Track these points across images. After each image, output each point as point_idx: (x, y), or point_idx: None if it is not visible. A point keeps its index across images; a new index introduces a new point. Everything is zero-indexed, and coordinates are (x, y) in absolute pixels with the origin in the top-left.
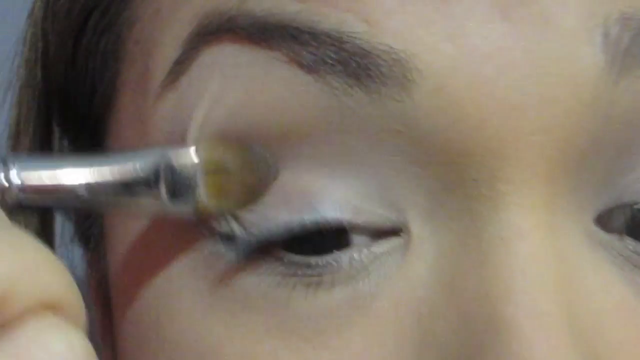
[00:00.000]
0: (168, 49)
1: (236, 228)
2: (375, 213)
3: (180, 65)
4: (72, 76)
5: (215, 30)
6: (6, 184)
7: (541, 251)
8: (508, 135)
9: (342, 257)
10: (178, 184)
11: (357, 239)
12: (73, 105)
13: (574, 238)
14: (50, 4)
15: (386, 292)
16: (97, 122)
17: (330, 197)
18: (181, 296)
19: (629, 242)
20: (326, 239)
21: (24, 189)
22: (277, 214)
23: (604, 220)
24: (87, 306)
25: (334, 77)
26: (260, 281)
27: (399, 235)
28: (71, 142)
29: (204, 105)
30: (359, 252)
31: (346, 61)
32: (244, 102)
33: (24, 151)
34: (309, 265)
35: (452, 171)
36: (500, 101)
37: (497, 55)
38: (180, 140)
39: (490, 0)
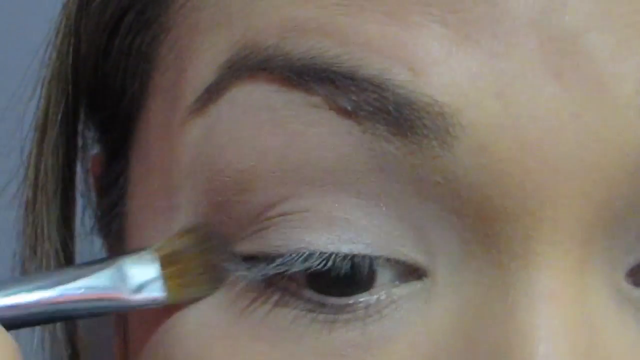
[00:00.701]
0: (202, 69)
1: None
2: (404, 253)
3: (211, 93)
4: (103, 73)
5: (250, 67)
6: None
7: (568, 315)
8: (547, 197)
9: (361, 299)
10: (141, 287)
11: (381, 278)
12: (102, 101)
13: (603, 298)
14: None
15: (404, 335)
16: (126, 120)
17: (362, 232)
18: (194, 316)
19: None
20: (351, 274)
21: None
22: (304, 242)
23: (635, 275)
24: None
25: (374, 123)
26: (276, 314)
27: (422, 279)
28: (100, 136)
29: (234, 147)
30: (379, 293)
31: (387, 110)
32: (276, 146)
33: (49, 145)
34: (327, 305)
35: (488, 225)
36: (543, 164)
37: (545, 118)
38: (208, 174)
39: (542, 60)
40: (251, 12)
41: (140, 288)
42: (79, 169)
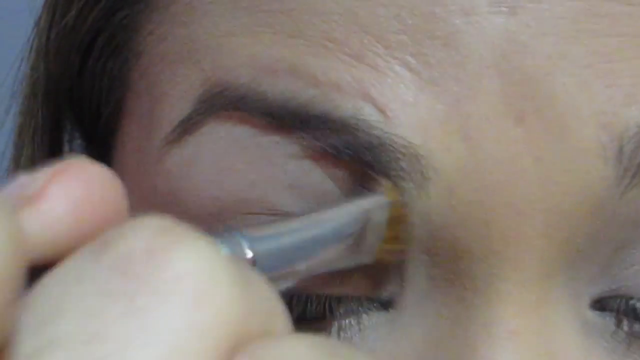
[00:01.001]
0: (176, 102)
1: None
2: (372, 284)
3: (187, 126)
4: (77, 93)
5: (224, 105)
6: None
7: (529, 352)
8: (511, 238)
9: (328, 327)
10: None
11: (348, 305)
12: (80, 119)
13: (567, 330)
14: (56, 19)
15: None
16: (104, 138)
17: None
18: None
19: (625, 324)
20: (318, 300)
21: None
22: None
23: (600, 305)
24: None
25: (350, 164)
26: None
27: (388, 310)
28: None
29: (209, 180)
30: (346, 319)
31: (362, 152)
32: (249, 184)
33: (26, 162)
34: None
35: (454, 263)
36: (506, 206)
37: (509, 161)
38: (182, 206)
39: (505, 103)
40: (218, 49)
41: None
42: None
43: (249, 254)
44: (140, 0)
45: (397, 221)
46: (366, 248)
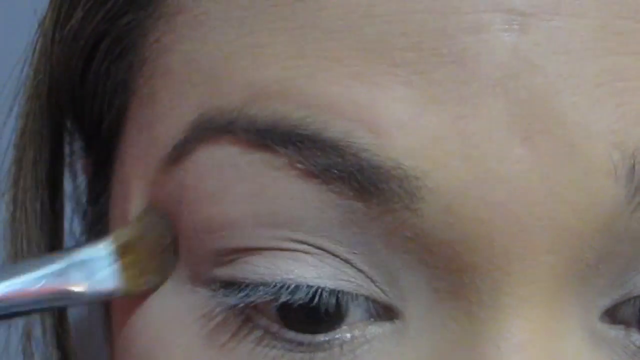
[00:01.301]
0: (172, 124)
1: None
2: (379, 294)
3: (179, 152)
4: (80, 96)
5: (215, 130)
6: None
7: None
8: (515, 254)
9: (335, 338)
10: (99, 277)
11: (355, 315)
12: (82, 122)
13: (575, 344)
14: (60, 21)
15: None
16: (105, 143)
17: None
18: (172, 337)
19: (636, 336)
20: (323, 312)
21: None
22: (293, 274)
23: (611, 314)
24: None
25: (340, 186)
26: (256, 353)
27: (394, 321)
28: (85, 147)
29: (199, 205)
30: (353, 331)
31: (352, 173)
32: (241, 205)
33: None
34: (302, 344)
35: (457, 276)
36: (510, 223)
37: (513, 180)
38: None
39: (510, 122)
40: (217, 74)
41: (94, 279)
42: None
43: None
44: (147, 6)
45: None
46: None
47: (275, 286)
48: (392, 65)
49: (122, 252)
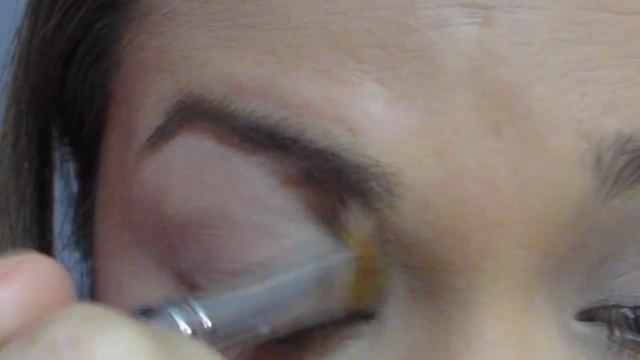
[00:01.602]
0: (151, 110)
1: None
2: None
3: (161, 135)
4: (61, 102)
5: (197, 117)
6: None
7: None
8: (489, 250)
9: (314, 336)
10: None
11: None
12: (65, 127)
13: (549, 342)
14: (37, 28)
15: None
16: (89, 147)
17: None
18: None
19: (616, 333)
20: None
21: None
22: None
23: (587, 314)
24: None
25: (321, 185)
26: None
27: (369, 322)
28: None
29: (181, 190)
30: (327, 333)
31: (332, 173)
32: (215, 197)
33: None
34: (282, 340)
35: (433, 276)
36: (482, 218)
37: (483, 173)
38: (157, 216)
39: (479, 115)
40: (192, 62)
41: None
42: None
43: (208, 323)
44: (119, 10)
45: (366, 275)
46: (334, 303)
47: None
48: (360, 62)
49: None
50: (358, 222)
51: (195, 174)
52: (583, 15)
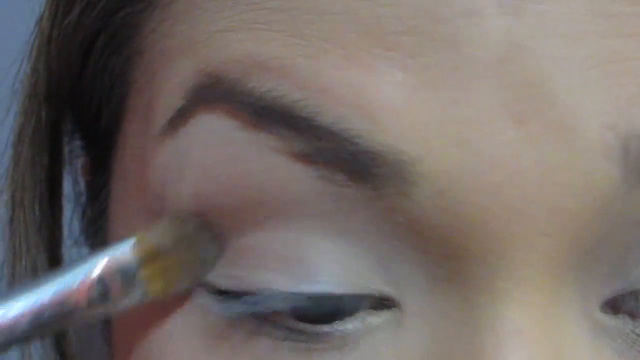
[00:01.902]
0: (170, 93)
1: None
2: (371, 287)
3: (179, 117)
4: (79, 92)
5: (215, 97)
6: None
7: (536, 351)
8: (510, 238)
9: (336, 327)
10: (123, 284)
11: (354, 307)
12: (81, 118)
13: (575, 331)
14: (58, 19)
15: None
16: (105, 137)
17: (329, 269)
18: (175, 345)
19: (635, 326)
20: (323, 306)
21: None
22: (276, 282)
23: (612, 305)
24: None
25: (332, 170)
26: (254, 341)
27: (391, 310)
28: (85, 146)
29: (195, 173)
30: (354, 322)
31: (344, 158)
32: (234, 179)
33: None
34: (304, 332)
35: (452, 262)
36: (504, 207)
37: (506, 163)
38: (172, 200)
39: (503, 105)
40: (215, 43)
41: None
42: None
43: None
44: (142, 0)
45: (152, 258)
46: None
47: (257, 296)
48: (388, 49)
49: (148, 259)
50: (363, 199)
51: (210, 155)
52: (611, 8)
